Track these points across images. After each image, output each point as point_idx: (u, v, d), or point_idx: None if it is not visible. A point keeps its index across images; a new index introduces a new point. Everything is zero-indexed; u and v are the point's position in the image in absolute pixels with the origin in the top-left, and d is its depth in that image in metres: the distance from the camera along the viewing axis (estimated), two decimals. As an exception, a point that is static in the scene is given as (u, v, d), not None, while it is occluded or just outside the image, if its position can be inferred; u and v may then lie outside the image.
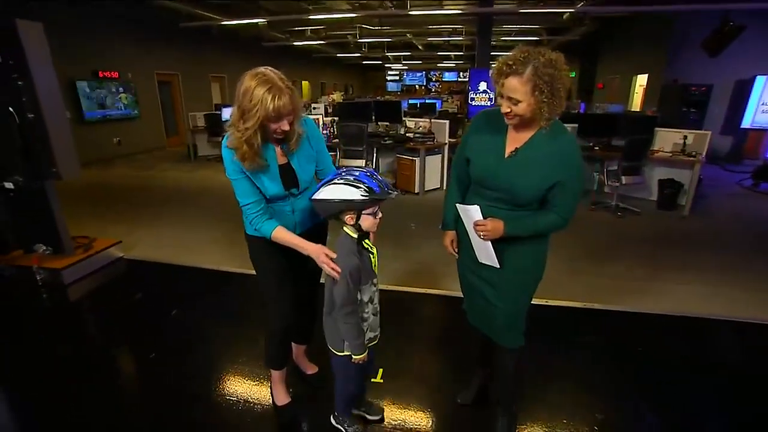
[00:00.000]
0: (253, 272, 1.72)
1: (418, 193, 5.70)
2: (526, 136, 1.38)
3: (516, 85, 1.26)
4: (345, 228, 1.45)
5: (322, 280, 1.62)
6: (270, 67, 1.38)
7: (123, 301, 3.00)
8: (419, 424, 1.85)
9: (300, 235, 1.57)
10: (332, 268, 1.41)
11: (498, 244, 1.44)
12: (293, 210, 1.60)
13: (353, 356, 1.51)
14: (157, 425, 1.88)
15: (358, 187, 1.35)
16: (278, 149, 1.54)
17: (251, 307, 2.85)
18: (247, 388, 2.05)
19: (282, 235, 1.52)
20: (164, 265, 3.52)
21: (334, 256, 1.43)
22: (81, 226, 3.90)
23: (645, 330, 2.63)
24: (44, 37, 2.86)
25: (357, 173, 1.38)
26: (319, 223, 1.72)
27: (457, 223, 1.62)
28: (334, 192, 1.37)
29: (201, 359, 2.30)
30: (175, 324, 2.68)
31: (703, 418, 1.93)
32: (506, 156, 1.41)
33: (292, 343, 2.06)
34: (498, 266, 1.48)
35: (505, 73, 1.27)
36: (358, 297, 1.46)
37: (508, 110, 1.31)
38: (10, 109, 2.86)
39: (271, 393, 1.94)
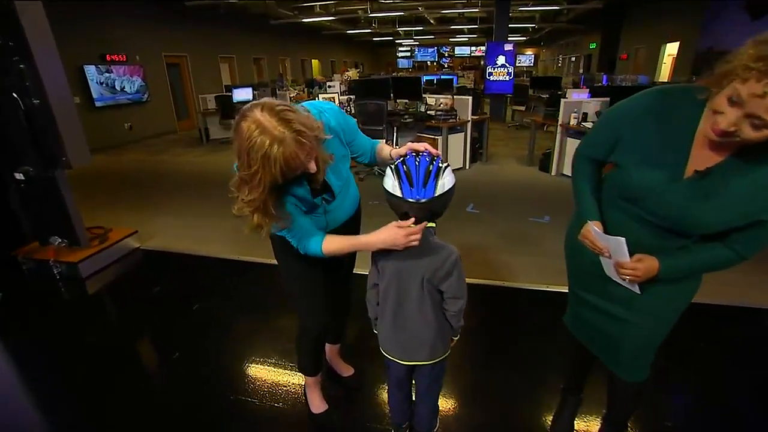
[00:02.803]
0: (275, 261, 1.53)
1: (439, 174, 5.44)
2: (723, 151, 0.94)
3: None
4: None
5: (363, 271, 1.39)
6: (267, 108, 0.99)
7: (142, 295, 2.87)
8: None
9: (331, 233, 1.38)
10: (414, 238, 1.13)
11: None
12: (325, 211, 1.37)
13: (454, 336, 1.35)
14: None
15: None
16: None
17: (274, 298, 2.71)
18: (280, 392, 1.90)
19: (335, 245, 1.25)
20: (182, 256, 3.38)
21: (416, 228, 1.13)
22: (95, 215, 3.77)
23: None
24: (45, 16, 2.65)
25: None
26: (353, 215, 1.51)
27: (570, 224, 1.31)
28: (449, 178, 1.11)
29: (227, 358, 2.15)
30: (196, 319, 2.54)
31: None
32: (686, 176, 0.98)
33: (327, 345, 1.91)
34: (638, 292, 1.14)
35: None
36: None
37: (754, 135, 0.81)
38: (14, 95, 2.69)
39: (306, 400, 1.78)
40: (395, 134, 5.58)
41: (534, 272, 2.91)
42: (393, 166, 1.12)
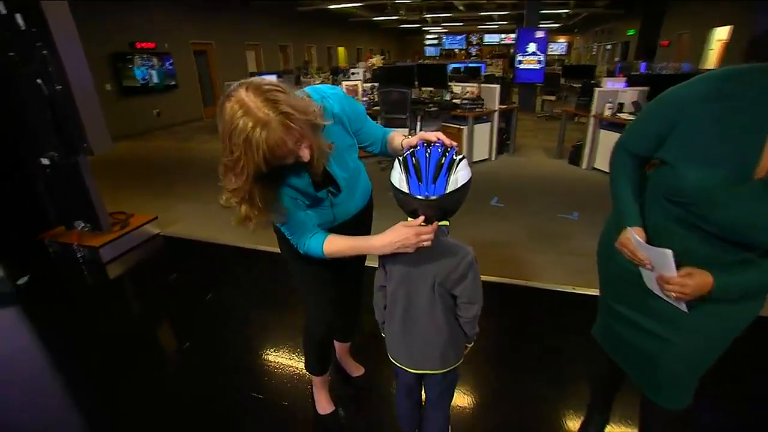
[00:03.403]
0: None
1: (463, 166, 5.27)
2: None
3: None
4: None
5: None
6: (253, 87, 0.89)
7: (159, 282, 2.89)
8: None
9: (340, 226, 1.29)
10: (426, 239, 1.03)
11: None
12: (332, 204, 1.26)
13: (469, 343, 1.25)
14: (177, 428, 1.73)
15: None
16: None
17: (289, 289, 2.65)
18: (287, 389, 1.85)
19: (338, 246, 1.14)
20: (202, 244, 3.38)
21: (427, 228, 1.02)
22: (119, 200, 3.82)
23: None
24: (66, 2, 2.65)
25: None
26: (363, 207, 1.40)
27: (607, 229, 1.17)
28: (464, 172, 0.98)
29: (236, 351, 2.13)
30: (210, 309, 2.52)
31: None
32: (757, 176, 0.83)
33: (335, 342, 1.84)
34: (685, 310, 0.99)
35: None
36: None
37: None
38: (39, 81, 2.72)
39: (313, 400, 1.72)
40: (419, 123, 5.43)
41: (560, 272, 2.75)
42: (401, 158, 1.01)
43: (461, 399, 1.75)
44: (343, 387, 1.83)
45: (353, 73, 6.46)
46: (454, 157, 0.98)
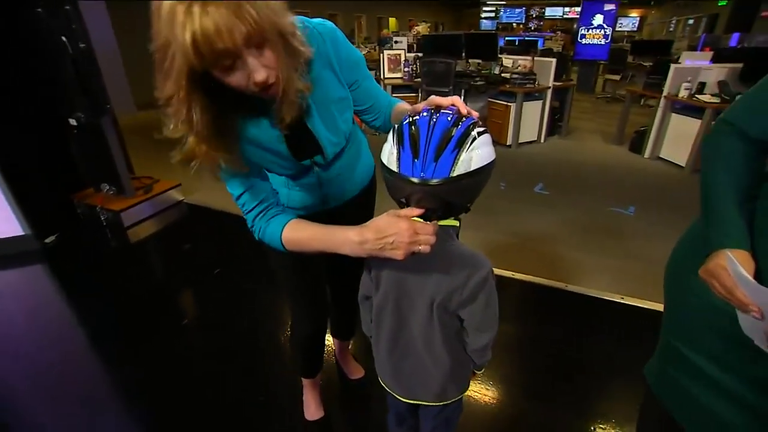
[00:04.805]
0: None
1: (510, 146, 4.82)
2: None
3: None
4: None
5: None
6: None
7: (176, 250, 2.83)
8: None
9: (334, 210, 1.04)
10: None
11: None
12: (320, 182, 1.00)
13: (477, 370, 0.99)
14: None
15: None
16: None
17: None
18: (277, 389, 1.68)
19: (301, 235, 0.83)
20: (221, 213, 3.29)
21: (428, 226, 0.73)
22: (149, 166, 3.80)
23: None
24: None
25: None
26: (362, 191, 1.13)
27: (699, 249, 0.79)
28: (482, 152, 0.70)
29: (232, 334, 1.99)
30: (215, 284, 2.40)
31: None
32: None
33: (334, 340, 1.64)
34: None
35: None
36: None
37: None
38: (63, 38, 2.64)
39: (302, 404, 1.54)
40: (462, 98, 5.01)
41: (607, 277, 2.37)
42: (396, 126, 0.74)
43: (465, 426, 1.50)
44: (339, 390, 1.63)
45: (396, 42, 6.06)
46: (470, 129, 0.69)
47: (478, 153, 0.69)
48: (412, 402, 0.97)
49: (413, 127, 0.71)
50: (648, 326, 1.92)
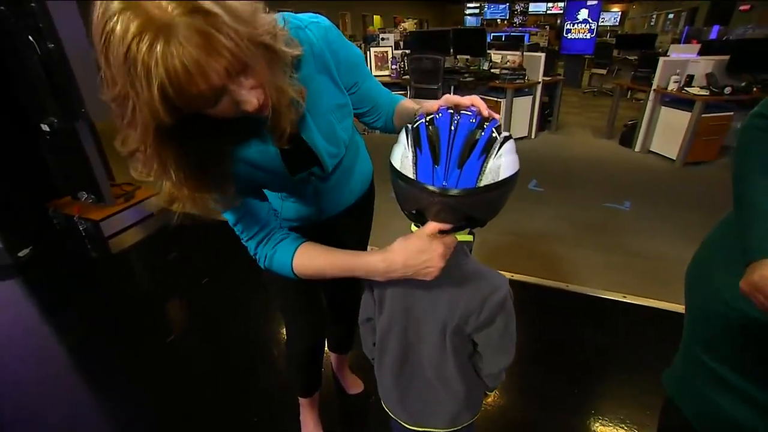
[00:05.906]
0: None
1: (499, 144, 4.78)
2: None
3: None
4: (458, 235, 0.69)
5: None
6: None
7: (162, 260, 2.69)
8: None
9: (331, 219, 0.96)
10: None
11: None
12: (316, 192, 0.90)
13: (490, 391, 0.95)
14: None
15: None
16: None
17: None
18: (272, 407, 1.59)
19: (315, 263, 0.76)
20: (208, 220, 3.15)
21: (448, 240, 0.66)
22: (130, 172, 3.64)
23: None
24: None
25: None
26: (360, 197, 1.04)
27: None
28: (508, 159, 0.61)
29: (223, 348, 1.88)
30: (204, 295, 2.28)
31: None
32: None
33: (331, 353, 1.54)
34: None
35: None
36: None
37: None
38: (30, 38, 2.49)
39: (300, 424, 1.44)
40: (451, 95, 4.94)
41: (608, 274, 2.32)
42: (411, 127, 0.64)
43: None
44: (337, 406, 1.54)
45: (383, 39, 5.96)
46: (494, 134, 0.60)
47: (506, 161, 0.60)
48: (420, 430, 0.89)
49: (431, 127, 0.62)
50: (651, 324, 1.88)
